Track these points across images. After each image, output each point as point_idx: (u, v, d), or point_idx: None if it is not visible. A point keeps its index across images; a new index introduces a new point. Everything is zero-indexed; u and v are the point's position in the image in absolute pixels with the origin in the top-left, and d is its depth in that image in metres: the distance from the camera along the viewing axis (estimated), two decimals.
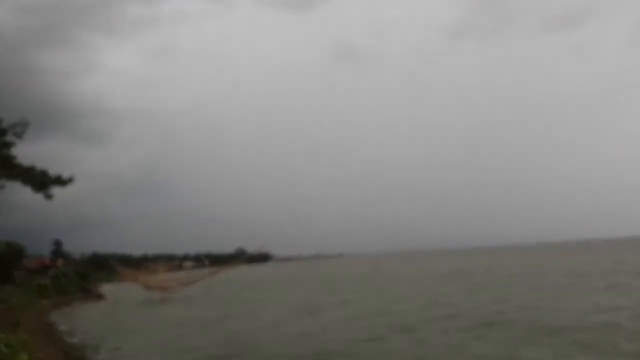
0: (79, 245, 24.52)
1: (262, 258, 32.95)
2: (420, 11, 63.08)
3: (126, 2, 53.54)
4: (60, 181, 6.46)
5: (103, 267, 13.90)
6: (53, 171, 6.53)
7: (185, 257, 27.26)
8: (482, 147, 52.79)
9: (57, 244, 15.80)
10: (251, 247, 20.05)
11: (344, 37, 61.94)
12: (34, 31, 38.09)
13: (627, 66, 55.79)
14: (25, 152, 6.49)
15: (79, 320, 5.51)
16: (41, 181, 6.41)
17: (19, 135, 6.16)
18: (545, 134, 52.64)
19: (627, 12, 55.96)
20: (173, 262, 11.50)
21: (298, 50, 59.95)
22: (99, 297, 8.97)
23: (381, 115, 58.15)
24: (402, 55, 59.49)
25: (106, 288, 11.13)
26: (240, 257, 15.75)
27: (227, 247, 31.92)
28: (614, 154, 49.53)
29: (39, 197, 6.61)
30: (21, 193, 6.82)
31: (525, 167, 49.75)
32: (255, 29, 62.04)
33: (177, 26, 54.98)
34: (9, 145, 6.26)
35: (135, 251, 25.81)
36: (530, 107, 55.02)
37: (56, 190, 6.51)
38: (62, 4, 42.11)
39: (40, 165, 6.51)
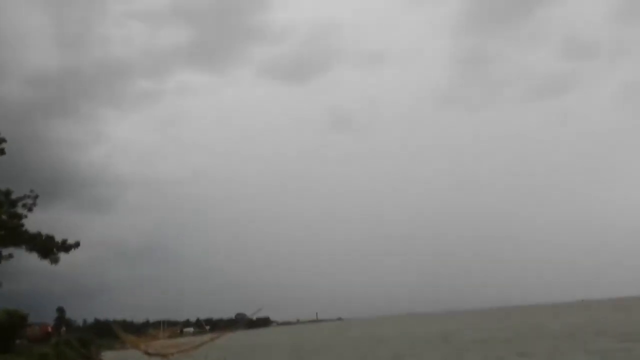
0: (82, 312, 24.40)
1: (261, 323, 32.70)
2: (411, 81, 65.00)
3: (133, 77, 55.44)
4: (66, 246, 6.55)
5: (105, 334, 13.78)
6: (59, 238, 6.64)
7: (186, 323, 26.98)
8: (473, 209, 52.94)
9: (61, 311, 15.72)
10: (251, 312, 19.74)
11: (339, 105, 63.49)
12: (43, 103, 39.23)
13: (612, 130, 56.56)
14: (32, 219, 6.62)
15: None
16: (47, 247, 6.50)
17: (30, 208, 6.32)
18: (530, 196, 52.94)
19: (611, 78, 57.46)
20: (174, 328, 11.37)
21: (296, 118, 61.63)
22: None
23: (376, 179, 59.00)
24: (394, 121, 60.98)
25: (108, 355, 11.01)
26: (239, 322, 15.62)
27: (227, 312, 31.82)
28: (599, 217, 49.46)
29: (43, 264, 6.69)
30: (26, 260, 6.90)
31: (511, 230, 49.59)
32: (255, 100, 63.92)
33: (181, 98, 56.69)
34: (19, 216, 6.40)
35: (138, 317, 25.64)
36: (517, 172, 55.61)
37: (61, 257, 6.60)
38: (70, 78, 43.53)
39: (46, 231, 6.63)
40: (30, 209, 6.47)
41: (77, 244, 6.65)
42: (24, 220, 6.51)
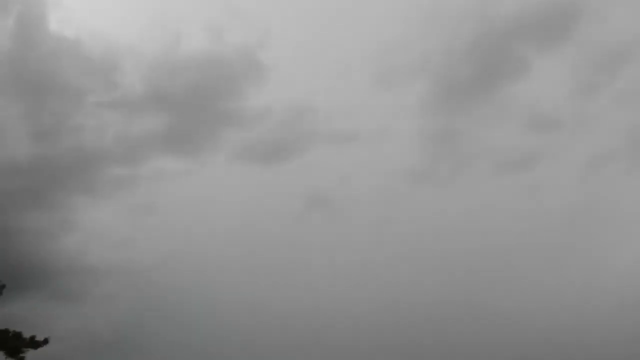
0: None
1: None
2: (384, 159, 65.75)
3: (106, 164, 55.13)
4: (34, 343, 6.38)
5: None
6: (28, 332, 6.47)
7: None
8: (444, 285, 52.21)
9: None
10: None
11: (316, 185, 63.47)
12: (14, 193, 38.66)
13: (579, 202, 57.56)
14: (1, 313, 6.42)
15: None
16: (15, 345, 6.30)
17: None
18: (500, 269, 52.64)
19: (575, 151, 59.18)
20: None
21: (271, 201, 61.16)
22: None
23: (351, 258, 58.27)
24: (369, 199, 60.99)
25: None
26: None
27: None
28: (567, 288, 49.11)
29: None
30: None
31: (482, 302, 48.71)
32: (230, 184, 63.67)
33: (156, 184, 56.31)
34: None
35: None
36: (488, 245, 55.57)
37: (28, 353, 6.40)
38: (42, 167, 43.23)
39: (14, 326, 6.44)
40: None
41: (45, 341, 6.49)
42: None
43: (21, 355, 6.14)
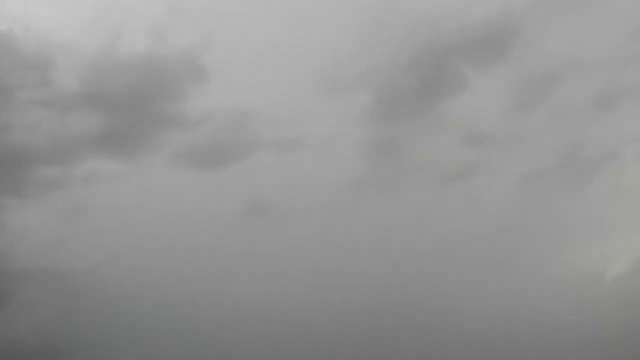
0: None
1: None
2: (328, 167, 64.98)
3: (36, 164, 52.29)
4: None
5: None
6: None
7: None
8: (385, 290, 52.69)
9: None
10: None
11: (257, 192, 62.07)
12: None
13: (512, 215, 59.09)
14: None
15: None
16: None
17: None
18: (438, 274, 53.56)
19: (510, 164, 60.91)
20: None
21: (211, 206, 59.21)
22: None
23: (292, 266, 57.34)
24: (314, 208, 60.05)
25: None
26: None
27: None
28: (499, 294, 50.61)
29: None
30: None
31: (431, 316, 49.53)
32: (168, 188, 61.12)
33: (88, 186, 53.55)
34: None
35: None
36: (428, 251, 56.06)
37: None
38: None
39: None
40: None
41: None
42: None
43: None
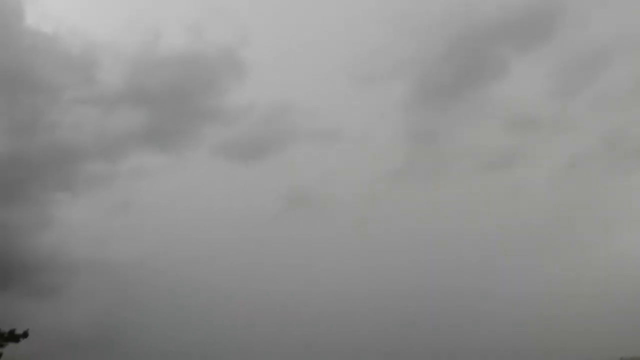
0: None
1: None
2: (366, 158, 66.25)
3: (84, 160, 54.62)
4: (14, 337, 6.26)
5: None
6: (7, 327, 6.37)
7: None
8: (433, 284, 52.87)
9: None
10: None
11: (296, 184, 63.90)
12: None
13: (557, 201, 58.41)
14: None
15: None
16: None
17: None
18: (479, 264, 53.38)
19: (554, 151, 60.07)
20: None
21: (252, 198, 61.12)
22: None
23: (337, 257, 58.52)
24: (352, 198, 61.56)
25: None
26: None
27: None
28: (553, 290, 50.01)
29: None
30: None
31: (471, 303, 49.45)
32: (210, 181, 63.46)
33: (135, 181, 55.82)
34: None
35: None
36: (468, 240, 56.23)
37: (7, 348, 6.28)
38: (18, 163, 42.64)
39: None
40: None
41: (25, 334, 6.38)
42: None
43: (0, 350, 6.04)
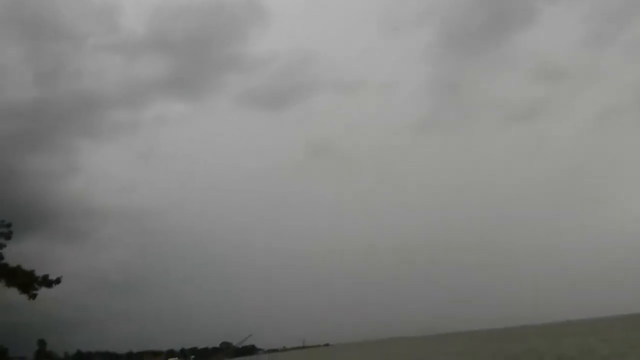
0: (64, 345, 23.97)
1: (247, 350, 32.43)
2: (389, 108, 65.95)
3: (108, 108, 55.29)
4: (47, 282, 6.44)
5: None
6: (37, 271, 6.54)
7: (170, 353, 26.64)
8: (455, 233, 53.51)
9: (42, 344, 15.51)
10: (236, 340, 19.92)
11: (319, 134, 64.38)
12: (17, 135, 38.98)
13: (585, 154, 57.41)
14: (9, 252, 6.52)
15: None
16: (27, 282, 6.38)
17: (8, 237, 6.26)
18: (509, 221, 53.59)
19: (583, 102, 58.63)
20: (158, 358, 11.28)
21: (274, 147, 61.84)
22: None
23: (358, 206, 59.28)
24: (375, 149, 61.87)
25: None
26: (225, 351, 15.54)
27: (212, 341, 32.26)
28: (576, 240, 50.16)
29: (22, 297, 6.56)
30: (5, 293, 6.75)
31: (493, 254, 50.05)
32: (233, 128, 64.02)
33: (158, 129, 56.48)
34: None
35: (120, 349, 25.35)
36: (490, 192, 56.34)
37: (40, 290, 6.48)
38: (44, 110, 43.33)
39: (24, 265, 6.52)
40: (8, 237, 6.42)
41: (57, 280, 6.54)
42: (3, 250, 6.45)
43: (33, 292, 6.23)
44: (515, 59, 61.81)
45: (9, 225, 6.47)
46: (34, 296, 6.44)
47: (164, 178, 59.32)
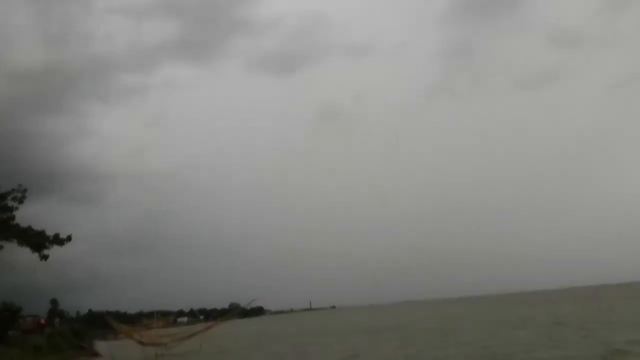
0: (75, 304, 24.61)
1: (255, 312, 33.14)
2: (399, 73, 65.21)
3: (118, 71, 55.17)
4: (58, 240, 6.57)
5: (99, 324, 13.86)
6: (49, 232, 6.68)
7: (180, 313, 27.26)
8: (464, 199, 53.57)
9: (54, 303, 15.84)
10: (244, 302, 20.28)
11: (328, 98, 64.10)
12: (29, 98, 39.16)
13: (599, 121, 56.45)
14: (21, 213, 6.66)
15: None
16: (38, 242, 6.52)
17: (21, 201, 6.36)
18: (519, 187, 53.42)
19: (598, 69, 57.43)
20: (168, 317, 11.54)
21: (283, 111, 61.75)
22: (95, 354, 8.93)
23: (365, 171, 59.40)
24: (385, 114, 61.59)
25: (102, 345, 11.10)
26: (233, 312, 15.87)
27: (221, 302, 33.00)
28: (587, 207, 49.99)
29: (35, 257, 6.72)
30: (18, 253, 6.93)
31: (503, 220, 50.12)
32: (242, 92, 63.90)
33: (168, 92, 56.49)
34: (10, 209, 6.43)
35: (131, 308, 26.05)
36: (507, 162, 56.03)
37: (52, 251, 6.62)
38: (54, 73, 43.36)
39: (36, 226, 6.66)
40: (21, 201, 6.54)
41: (69, 238, 6.67)
42: (15, 213, 6.57)
43: (45, 252, 6.36)
44: (529, 25, 60.74)
45: (24, 190, 6.59)
46: (45, 257, 6.58)
47: (173, 141, 59.78)
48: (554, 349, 3.83)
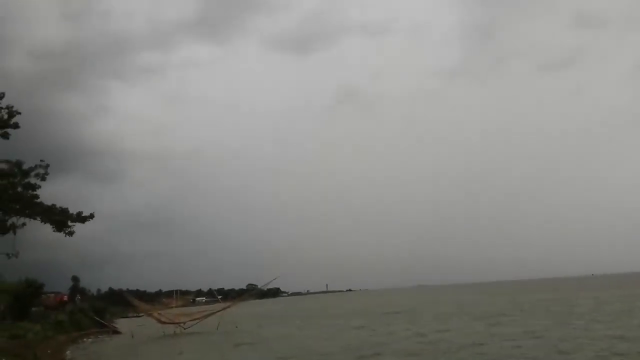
0: (96, 282, 25.08)
1: (272, 293, 33.53)
2: (418, 54, 64.24)
3: (137, 50, 55.23)
4: (81, 218, 6.60)
5: (119, 302, 14.10)
6: (72, 209, 6.72)
7: (199, 293, 27.71)
8: (481, 183, 53.08)
9: (75, 280, 16.14)
10: (262, 283, 20.49)
11: (345, 79, 63.46)
12: (49, 76, 39.44)
13: (623, 104, 54.92)
14: (44, 191, 6.71)
15: (95, 356, 5.64)
16: (61, 219, 6.56)
17: (43, 178, 6.41)
18: (541, 170, 52.63)
19: (623, 51, 55.80)
20: (187, 297, 11.68)
21: (301, 91, 61.39)
22: (115, 331, 9.12)
23: (383, 153, 58.96)
24: (403, 96, 60.85)
25: (121, 323, 11.30)
26: (251, 293, 16.07)
27: (239, 283, 33.24)
28: (610, 189, 49.13)
29: (57, 235, 6.77)
30: (41, 230, 7.00)
31: (520, 205, 49.51)
32: (260, 72, 63.56)
33: (186, 72, 56.46)
34: (33, 187, 6.48)
35: (150, 288, 26.19)
36: (527, 146, 54.98)
37: (75, 228, 6.66)
38: (74, 51, 43.51)
39: (59, 203, 6.70)
40: (43, 179, 6.58)
41: (92, 215, 6.70)
42: (38, 191, 6.62)
43: (68, 229, 6.41)
44: (553, 4, 59.32)
45: (47, 167, 6.61)
46: (70, 233, 6.62)
47: (193, 121, 59.96)
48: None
